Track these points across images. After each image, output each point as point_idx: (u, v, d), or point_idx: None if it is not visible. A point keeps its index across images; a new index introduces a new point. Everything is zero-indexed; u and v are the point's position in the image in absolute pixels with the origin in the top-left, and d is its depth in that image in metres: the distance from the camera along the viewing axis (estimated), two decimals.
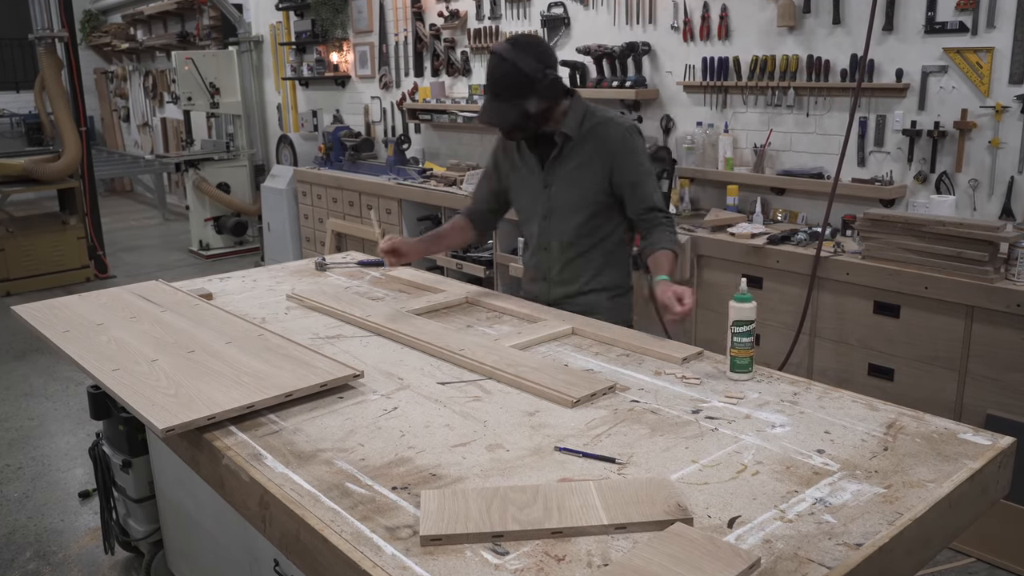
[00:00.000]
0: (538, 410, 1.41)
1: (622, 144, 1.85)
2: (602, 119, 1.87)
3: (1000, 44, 2.54)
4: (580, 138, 1.86)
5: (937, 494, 1.12)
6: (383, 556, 1.00)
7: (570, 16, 3.90)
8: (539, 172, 1.93)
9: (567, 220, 1.91)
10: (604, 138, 1.85)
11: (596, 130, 1.86)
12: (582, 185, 1.88)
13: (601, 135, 1.85)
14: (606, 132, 1.85)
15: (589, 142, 1.86)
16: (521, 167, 1.98)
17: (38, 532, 2.60)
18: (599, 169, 1.86)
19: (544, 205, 1.94)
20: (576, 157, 1.88)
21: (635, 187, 1.87)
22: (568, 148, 1.88)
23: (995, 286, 2.24)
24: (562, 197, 1.90)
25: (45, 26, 5.53)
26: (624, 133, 1.86)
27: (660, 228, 1.88)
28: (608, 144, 1.85)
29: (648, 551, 0.98)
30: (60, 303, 2.07)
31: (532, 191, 1.96)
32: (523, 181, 1.98)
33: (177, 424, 1.32)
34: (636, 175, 1.87)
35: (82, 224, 5.74)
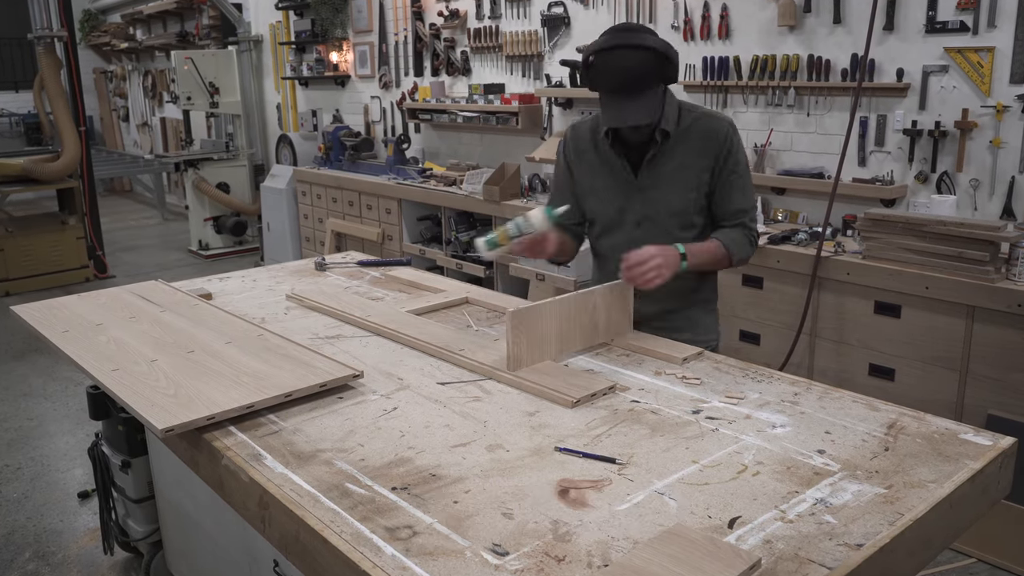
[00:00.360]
0: (538, 410, 1.41)
1: (727, 142, 1.70)
2: (701, 114, 1.72)
3: (1001, 44, 2.54)
4: (678, 135, 1.70)
5: (938, 494, 1.11)
6: (383, 557, 1.00)
7: (570, 16, 3.90)
8: (629, 175, 1.74)
9: (665, 227, 1.73)
10: (707, 135, 1.70)
11: (697, 126, 1.70)
12: (683, 187, 1.71)
13: (703, 131, 1.70)
14: (709, 128, 1.70)
15: (690, 139, 1.70)
16: (602, 171, 1.77)
17: (37, 532, 2.59)
18: (702, 169, 1.70)
19: (637, 212, 1.75)
20: (676, 156, 1.71)
21: (733, 190, 1.72)
22: (666, 147, 1.71)
23: (996, 286, 2.24)
24: (660, 202, 1.73)
25: (44, 26, 5.53)
26: (729, 130, 1.71)
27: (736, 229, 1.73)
28: (713, 141, 1.69)
29: (648, 551, 0.97)
30: (59, 303, 2.06)
31: (620, 197, 1.76)
32: (607, 187, 1.78)
33: (176, 424, 1.32)
34: (738, 177, 1.72)
35: (81, 224, 5.73)
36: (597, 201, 1.81)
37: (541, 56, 4.08)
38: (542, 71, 4.09)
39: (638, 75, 1.59)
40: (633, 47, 1.59)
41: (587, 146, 1.80)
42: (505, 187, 3.82)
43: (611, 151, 1.75)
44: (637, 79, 1.59)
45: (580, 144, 1.82)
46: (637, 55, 1.59)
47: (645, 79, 1.60)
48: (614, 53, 1.60)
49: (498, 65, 4.33)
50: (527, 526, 1.06)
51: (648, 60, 1.59)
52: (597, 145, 1.78)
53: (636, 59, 1.59)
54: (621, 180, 1.76)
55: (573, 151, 1.83)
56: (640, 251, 1.60)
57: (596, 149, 1.78)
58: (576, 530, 1.05)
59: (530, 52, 4.10)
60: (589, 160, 1.80)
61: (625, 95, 1.61)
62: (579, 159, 1.82)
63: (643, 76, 1.59)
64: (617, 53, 1.60)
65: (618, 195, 1.77)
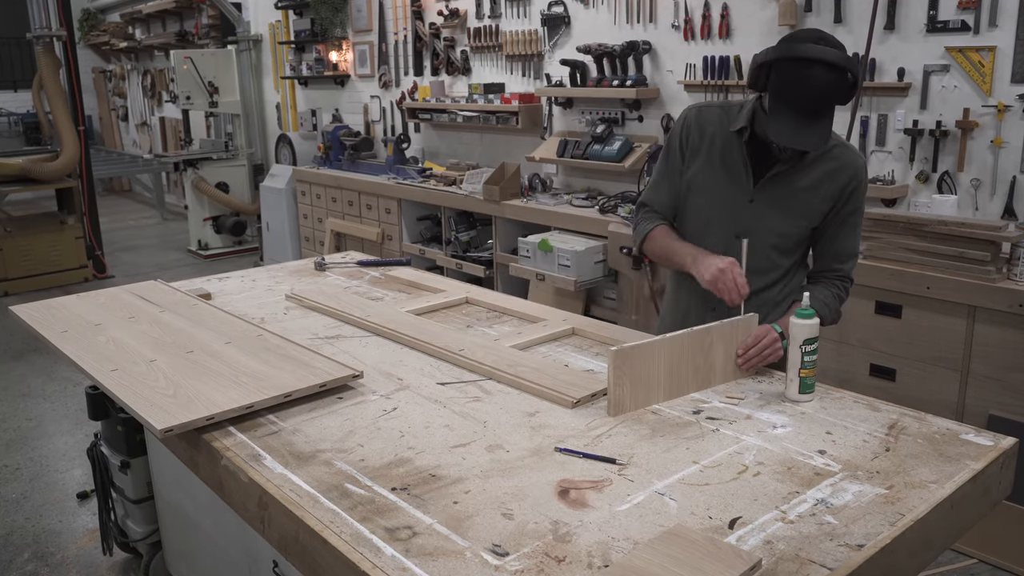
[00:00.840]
0: (538, 411, 1.41)
1: (858, 176, 1.57)
2: (841, 143, 1.59)
3: (1002, 43, 2.53)
4: (813, 158, 1.57)
5: (939, 495, 1.11)
6: (383, 557, 1.00)
7: (570, 15, 3.89)
8: (746, 183, 1.60)
9: (763, 246, 1.60)
10: (843, 166, 1.57)
11: (834, 153, 1.57)
12: (799, 211, 1.59)
13: (840, 160, 1.57)
14: (845, 159, 1.57)
15: (823, 164, 1.57)
16: (721, 170, 1.62)
17: (36, 533, 2.59)
18: (825, 198, 1.58)
19: (741, 223, 1.60)
20: (800, 179, 1.58)
21: (847, 233, 1.61)
22: (797, 167, 1.57)
23: (997, 286, 2.23)
24: (770, 218, 1.59)
25: (43, 25, 5.52)
26: (863, 167, 1.59)
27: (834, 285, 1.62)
28: (842, 175, 1.57)
29: (649, 552, 0.97)
30: (58, 303, 2.06)
31: (729, 202, 1.62)
32: (718, 188, 1.63)
33: (176, 425, 1.32)
34: (852, 219, 1.61)
35: (80, 224, 5.72)
36: (703, 199, 1.65)
37: (541, 55, 4.07)
38: (542, 70, 4.09)
39: (829, 98, 1.43)
40: (832, 66, 1.41)
41: (711, 137, 1.63)
42: (505, 187, 3.82)
43: (739, 152, 1.60)
44: (826, 102, 1.44)
45: (705, 132, 1.64)
46: (834, 76, 1.41)
47: (832, 103, 1.45)
48: (811, 68, 1.41)
49: (498, 64, 4.33)
50: (527, 527, 1.05)
51: (839, 82, 1.42)
52: (724, 140, 1.61)
53: (829, 80, 1.41)
54: (737, 186, 1.61)
55: (696, 137, 1.65)
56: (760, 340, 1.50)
57: (721, 144, 1.62)
58: (576, 531, 1.04)
59: (530, 51, 4.10)
60: (709, 153, 1.63)
61: (809, 116, 1.44)
62: (698, 148, 1.65)
63: (832, 99, 1.44)
64: (811, 68, 1.41)
65: (727, 200, 1.62)
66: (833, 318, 1.64)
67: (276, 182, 5.61)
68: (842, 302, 1.65)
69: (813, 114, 1.44)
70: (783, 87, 1.44)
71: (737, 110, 1.62)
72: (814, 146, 1.47)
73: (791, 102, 1.44)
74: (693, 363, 1.46)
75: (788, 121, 1.44)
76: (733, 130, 1.60)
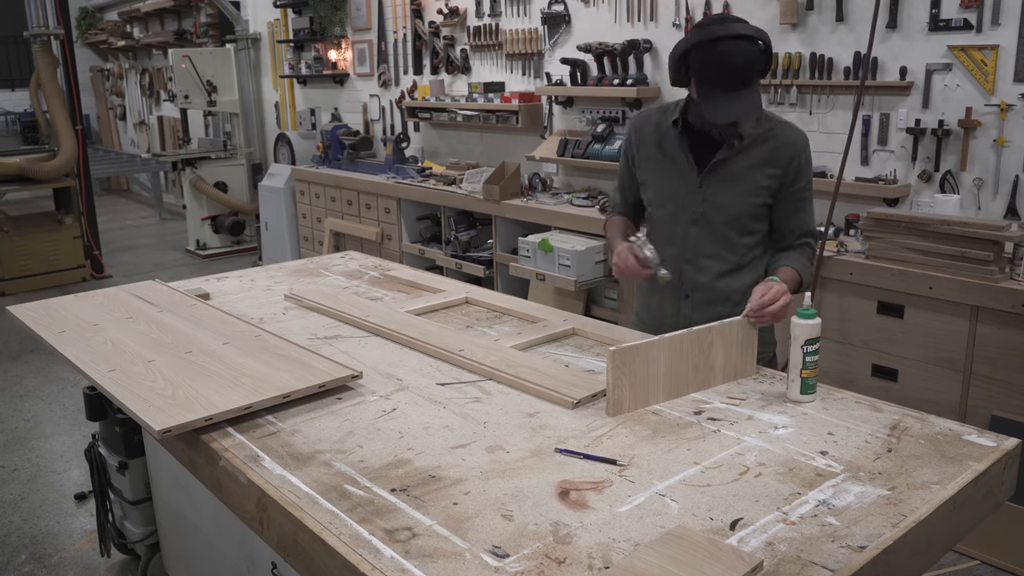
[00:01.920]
0: (538, 411, 1.40)
1: (802, 156, 1.65)
2: (779, 121, 1.67)
3: (1005, 42, 2.53)
4: (752, 140, 1.64)
5: (941, 496, 1.11)
6: (382, 559, 0.99)
7: (571, 13, 3.89)
8: (692, 171, 1.67)
9: (720, 230, 1.68)
10: (784, 143, 1.64)
11: (775, 132, 1.65)
12: (746, 191, 1.66)
13: (780, 139, 1.65)
14: (786, 137, 1.65)
15: (763, 145, 1.65)
16: (666, 163, 1.71)
17: (33, 535, 2.58)
18: (770, 177, 1.65)
19: (694, 210, 1.68)
20: (743, 160, 1.65)
21: (802, 207, 1.69)
22: (738, 148, 1.65)
23: (1000, 286, 2.22)
24: (720, 202, 1.67)
25: (41, 23, 5.51)
26: (805, 144, 1.67)
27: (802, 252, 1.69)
28: (788, 151, 1.64)
29: (649, 554, 0.97)
30: (56, 303, 2.05)
31: (679, 193, 1.70)
32: (669, 180, 1.71)
33: (174, 425, 1.31)
34: (804, 195, 1.69)
35: (78, 223, 5.71)
36: (655, 195, 1.75)
37: (541, 54, 4.07)
38: (542, 69, 4.08)
39: (746, 68, 1.51)
40: (740, 38, 1.51)
41: (651, 138, 1.73)
42: (505, 186, 3.81)
43: (678, 142, 1.68)
44: (745, 73, 1.51)
45: (643, 135, 1.75)
46: (745, 47, 1.51)
47: (752, 73, 1.52)
48: (722, 44, 1.51)
49: (498, 63, 4.32)
50: (527, 528, 1.05)
51: (755, 52, 1.52)
52: (661, 138, 1.71)
53: (744, 51, 1.51)
54: (683, 176, 1.69)
55: (636, 140, 1.77)
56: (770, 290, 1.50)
57: (660, 142, 1.71)
58: (577, 532, 1.04)
59: (530, 50, 4.09)
60: (651, 152, 1.74)
61: (732, 89, 1.52)
62: (641, 151, 1.76)
63: (750, 69, 1.52)
64: (725, 45, 1.51)
65: (677, 191, 1.71)
66: (808, 280, 1.70)
67: (275, 181, 5.61)
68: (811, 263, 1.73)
69: (738, 86, 1.52)
70: (704, 69, 1.54)
71: (674, 107, 1.72)
72: (747, 113, 1.55)
73: (715, 81, 1.53)
74: (693, 363, 1.45)
75: (717, 99, 1.54)
76: (669, 123, 1.69)
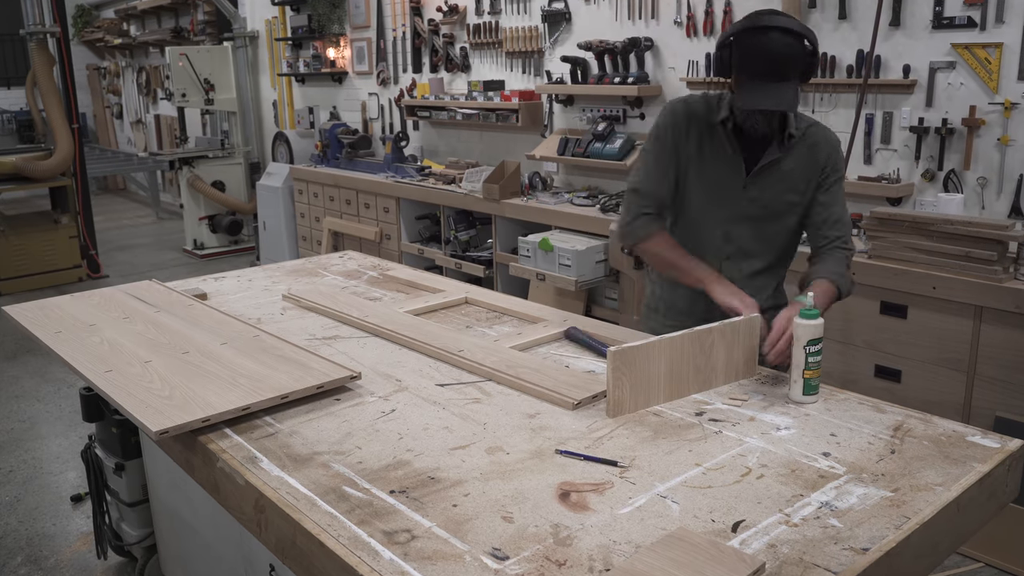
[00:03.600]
0: (538, 412, 1.39)
1: (836, 156, 1.67)
2: (813, 122, 1.69)
3: (1009, 39, 2.51)
4: (793, 142, 1.66)
5: (945, 498, 1.10)
6: (381, 561, 0.99)
7: (571, 11, 3.87)
8: (739, 170, 1.66)
9: (761, 227, 1.69)
10: (819, 143, 1.66)
11: (810, 132, 1.67)
12: (791, 189, 1.67)
13: (816, 140, 1.66)
14: (821, 137, 1.67)
15: (804, 143, 1.66)
16: (711, 159, 1.67)
17: (29, 536, 2.57)
18: (811, 175, 1.66)
19: (737, 209, 1.68)
20: (789, 160, 1.66)
21: (836, 203, 1.68)
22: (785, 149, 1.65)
23: (1004, 286, 2.21)
24: (764, 202, 1.67)
25: (37, 21, 5.49)
26: (838, 144, 1.68)
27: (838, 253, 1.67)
28: (822, 151, 1.66)
29: (650, 556, 0.96)
30: (52, 303, 2.04)
31: (723, 191, 1.68)
32: (711, 178, 1.68)
33: (171, 426, 1.30)
34: (838, 194, 1.69)
35: (74, 223, 5.70)
36: (698, 190, 1.70)
37: (541, 52, 4.05)
38: (542, 67, 4.07)
39: (789, 60, 1.51)
40: (786, 31, 1.51)
41: (701, 128, 1.67)
42: (505, 185, 3.80)
43: (727, 140, 1.65)
44: (788, 64, 1.51)
45: (694, 123, 1.67)
46: (787, 39, 1.51)
47: (791, 66, 1.52)
48: (764, 34, 1.51)
49: (498, 61, 4.31)
50: (527, 530, 1.04)
51: (797, 47, 1.52)
52: (711, 130, 1.66)
53: (786, 43, 1.51)
54: (730, 174, 1.66)
55: (685, 128, 1.68)
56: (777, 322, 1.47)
57: (709, 134, 1.67)
58: (577, 534, 1.03)
59: (530, 48, 4.08)
60: (700, 144, 1.68)
61: (773, 79, 1.51)
62: (690, 139, 1.68)
63: (790, 62, 1.52)
64: (767, 34, 1.51)
65: (722, 188, 1.68)
66: (850, 288, 1.66)
67: (273, 180, 5.59)
68: (849, 268, 1.69)
69: (777, 78, 1.52)
70: (745, 57, 1.54)
71: (717, 101, 1.69)
72: (782, 105, 1.53)
73: (755, 70, 1.53)
74: (694, 364, 1.45)
75: (758, 89, 1.53)
76: (717, 120, 1.66)
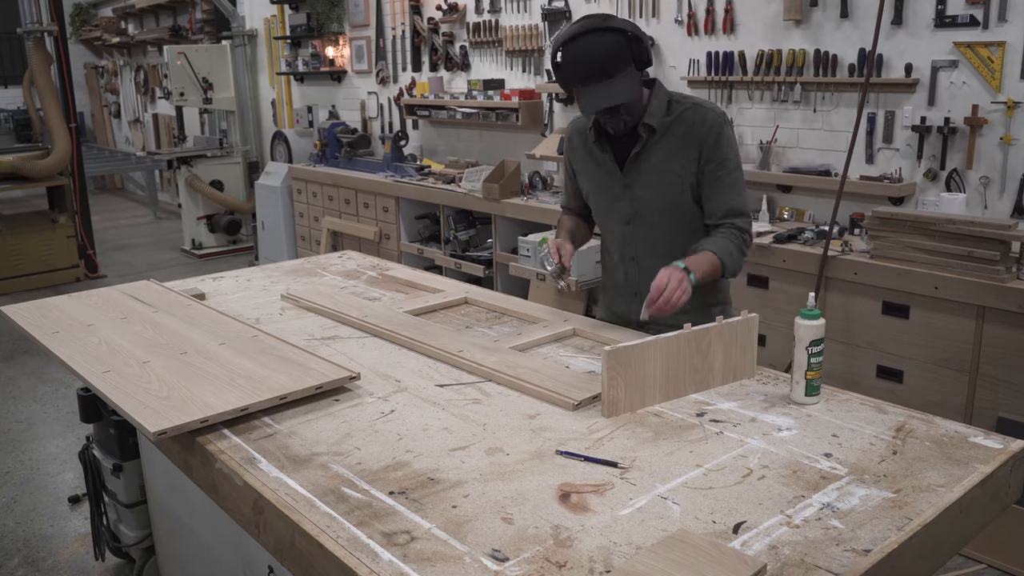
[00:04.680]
0: (539, 413, 1.39)
1: (712, 133, 1.63)
2: (691, 104, 1.66)
3: (1012, 38, 2.51)
4: (665, 129, 1.65)
5: (947, 499, 1.10)
6: (380, 563, 0.98)
7: (571, 10, 3.87)
8: (617, 172, 1.71)
9: (655, 225, 1.71)
10: (692, 124, 1.64)
11: (684, 116, 1.65)
12: (668, 182, 1.66)
13: (689, 121, 1.64)
14: (694, 117, 1.64)
15: (676, 130, 1.65)
16: (594, 168, 1.76)
17: (27, 538, 2.56)
18: (687, 161, 1.64)
19: (625, 209, 1.73)
20: (660, 150, 1.66)
21: (720, 187, 1.65)
22: (652, 142, 1.66)
23: (1007, 286, 2.21)
24: (646, 198, 1.69)
25: (34, 20, 5.48)
26: (717, 120, 1.64)
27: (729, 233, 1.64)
28: (697, 130, 1.63)
29: (651, 557, 0.96)
30: (49, 303, 2.04)
31: (610, 194, 1.74)
32: (599, 183, 1.76)
33: (169, 427, 1.30)
34: (726, 173, 1.64)
35: (72, 222, 5.68)
36: (592, 198, 1.81)
37: (542, 51, 4.05)
38: (543, 66, 4.06)
39: (605, 58, 1.55)
40: (596, 31, 1.55)
41: (581, 143, 1.79)
42: (505, 185, 3.79)
43: (599, 146, 1.73)
44: (605, 63, 1.55)
45: (576, 141, 1.81)
46: (601, 38, 1.55)
47: (614, 62, 1.56)
48: (577, 42, 1.56)
49: (498, 60, 4.30)
50: (527, 531, 1.04)
51: (613, 42, 1.55)
52: (587, 141, 1.76)
53: (601, 43, 1.55)
54: (609, 177, 1.74)
55: (570, 147, 1.83)
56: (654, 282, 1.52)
57: (587, 146, 1.77)
58: (577, 535, 1.03)
59: (530, 47, 4.07)
60: (583, 157, 1.80)
61: (596, 81, 1.56)
62: (576, 156, 1.82)
63: (611, 59, 1.55)
64: (581, 41, 1.56)
65: (608, 192, 1.75)
66: (732, 268, 1.65)
67: (271, 180, 5.58)
68: (743, 253, 1.67)
69: (599, 78, 1.57)
70: (568, 71, 1.59)
71: None
72: (609, 101, 1.57)
73: (580, 79, 1.59)
74: (691, 364, 1.44)
75: (585, 94, 1.59)
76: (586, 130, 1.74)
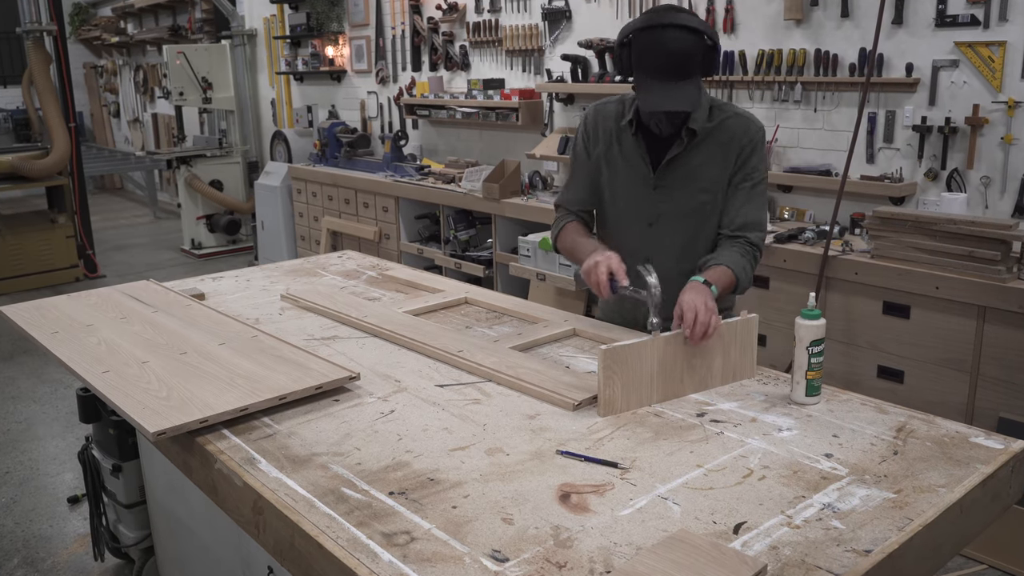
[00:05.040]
0: (539, 413, 1.39)
1: (749, 145, 1.60)
2: (733, 113, 1.63)
3: (1012, 38, 2.51)
4: (705, 134, 1.61)
5: (948, 499, 1.10)
6: (380, 563, 0.98)
7: (571, 9, 3.86)
8: (647, 172, 1.65)
9: (678, 228, 1.66)
10: (735, 134, 1.61)
11: (727, 124, 1.61)
12: (702, 188, 1.63)
13: (731, 130, 1.61)
14: (738, 127, 1.61)
15: (718, 137, 1.61)
16: (621, 162, 1.68)
17: (26, 538, 2.56)
18: (723, 169, 1.62)
19: (649, 210, 1.66)
20: (697, 156, 1.62)
21: (743, 198, 1.62)
22: (691, 146, 1.62)
23: (1007, 286, 2.21)
24: (674, 201, 1.64)
25: (33, 19, 5.48)
26: (758, 132, 1.62)
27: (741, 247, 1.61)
28: (738, 140, 1.60)
29: (652, 558, 0.96)
30: (48, 303, 2.03)
31: (635, 192, 1.67)
32: (625, 180, 1.68)
33: (168, 427, 1.29)
34: (751, 185, 1.62)
35: (71, 222, 5.68)
36: (610, 195, 1.72)
37: (542, 51, 4.04)
38: (543, 66, 4.06)
39: (685, 58, 1.48)
40: (682, 27, 1.47)
41: (610, 132, 1.69)
42: (505, 184, 3.79)
43: (634, 142, 1.65)
44: (683, 62, 1.48)
45: (603, 128, 1.70)
46: (686, 36, 1.48)
47: (691, 64, 1.49)
48: (661, 32, 1.48)
49: (498, 60, 4.30)
50: (527, 532, 1.04)
51: (696, 44, 1.49)
52: (620, 133, 1.67)
53: (684, 41, 1.48)
54: (638, 175, 1.66)
55: (594, 134, 1.71)
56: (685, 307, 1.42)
57: (618, 137, 1.68)
58: (578, 536, 1.03)
59: (530, 46, 4.07)
60: (609, 148, 1.69)
61: (669, 79, 1.49)
62: (598, 144, 1.71)
63: (689, 60, 1.49)
64: (665, 32, 1.48)
65: (631, 191, 1.68)
66: (744, 284, 1.62)
67: (271, 180, 5.58)
68: (752, 267, 1.65)
69: (675, 77, 1.50)
70: (642, 56, 1.51)
71: (631, 103, 1.65)
72: (681, 105, 1.51)
73: (652, 69, 1.50)
74: (689, 364, 1.44)
75: (653, 89, 1.51)
76: (623, 123, 1.65)
